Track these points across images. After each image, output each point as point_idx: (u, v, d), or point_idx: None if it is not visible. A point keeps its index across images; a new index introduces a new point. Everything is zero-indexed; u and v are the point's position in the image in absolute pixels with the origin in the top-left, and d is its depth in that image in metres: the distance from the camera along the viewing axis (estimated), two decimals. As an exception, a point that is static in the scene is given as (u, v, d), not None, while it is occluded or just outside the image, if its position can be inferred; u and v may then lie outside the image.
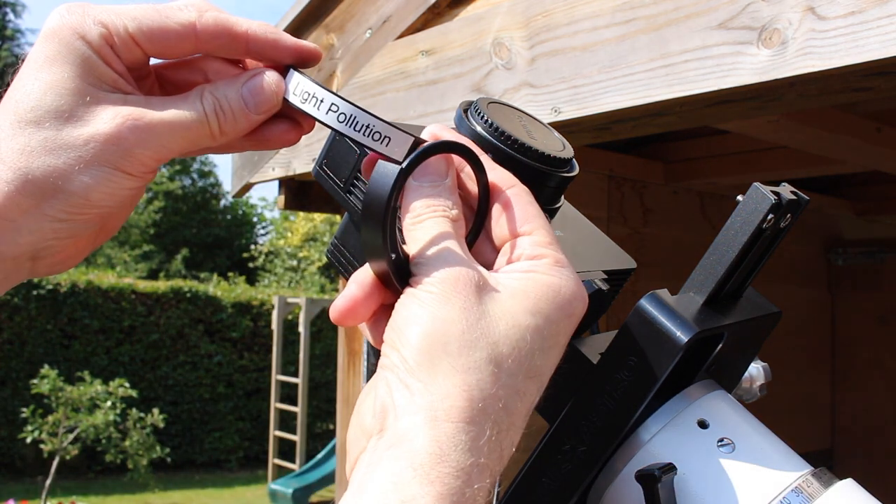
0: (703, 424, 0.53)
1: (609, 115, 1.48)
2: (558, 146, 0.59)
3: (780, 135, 2.30)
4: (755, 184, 0.53)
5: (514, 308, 0.46)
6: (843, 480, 0.51)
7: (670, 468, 0.49)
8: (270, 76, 0.54)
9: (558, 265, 0.49)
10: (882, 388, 3.85)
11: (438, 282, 0.46)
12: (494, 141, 0.56)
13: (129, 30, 0.52)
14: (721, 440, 0.52)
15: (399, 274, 0.48)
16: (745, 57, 1.26)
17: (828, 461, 3.81)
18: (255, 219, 25.49)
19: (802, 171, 2.98)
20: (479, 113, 0.57)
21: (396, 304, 0.48)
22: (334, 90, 0.59)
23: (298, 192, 2.63)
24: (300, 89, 0.54)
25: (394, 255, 0.48)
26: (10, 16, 22.49)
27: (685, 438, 0.52)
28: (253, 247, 22.20)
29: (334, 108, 0.52)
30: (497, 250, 0.51)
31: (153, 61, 0.56)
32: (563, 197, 0.62)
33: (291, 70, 0.55)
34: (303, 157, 2.24)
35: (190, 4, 0.54)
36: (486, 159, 0.52)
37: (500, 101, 0.62)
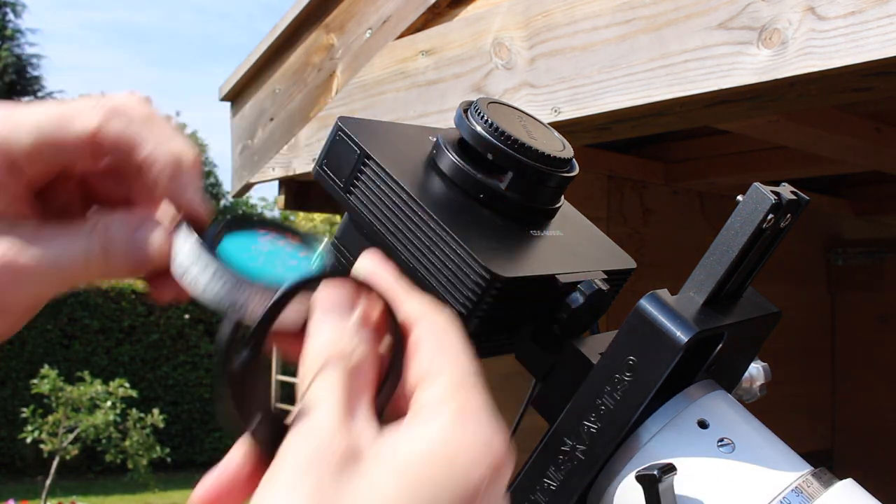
0: (703, 424, 0.53)
1: (609, 115, 1.48)
2: (558, 146, 0.59)
3: (780, 135, 2.30)
4: (755, 184, 0.53)
5: (386, 489, 0.34)
6: (843, 480, 0.51)
7: (670, 468, 0.49)
8: (158, 236, 0.46)
9: (461, 420, 0.37)
10: (882, 388, 3.85)
11: (291, 459, 0.35)
12: (494, 141, 0.56)
13: (30, 143, 0.43)
14: (721, 440, 0.52)
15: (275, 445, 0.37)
16: (745, 57, 1.26)
17: (828, 461, 3.82)
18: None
19: (802, 172, 2.98)
20: (479, 113, 0.57)
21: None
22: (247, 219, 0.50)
23: (298, 193, 2.64)
24: (181, 254, 0.46)
25: (255, 424, 0.38)
26: (10, 16, 22.52)
27: (685, 438, 0.52)
28: (253, 247, 22.18)
29: (213, 281, 0.44)
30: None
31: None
32: (563, 197, 0.62)
33: (184, 226, 0.47)
34: (303, 157, 2.24)
35: (99, 106, 0.44)
36: (397, 289, 0.42)
37: (500, 101, 0.62)
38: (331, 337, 0.39)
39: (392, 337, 0.41)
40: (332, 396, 0.37)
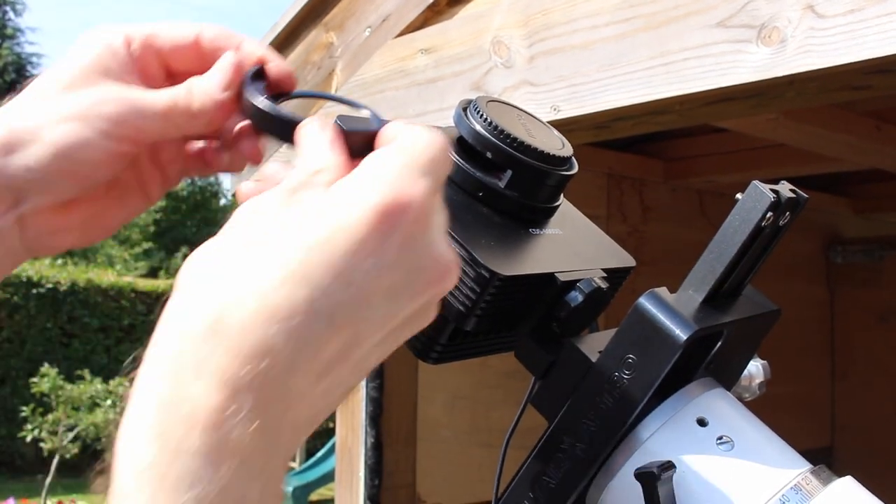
0: (702, 422, 0.53)
1: (608, 113, 1.48)
2: (557, 144, 0.59)
3: (779, 133, 2.30)
4: (754, 182, 0.53)
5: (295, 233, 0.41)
6: (843, 478, 0.51)
7: (669, 466, 0.49)
8: (229, 57, 0.57)
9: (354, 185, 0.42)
10: (882, 386, 3.85)
11: (284, 182, 0.46)
12: (494, 139, 0.56)
13: (144, 35, 0.58)
14: (720, 438, 0.52)
15: None
16: (744, 55, 1.26)
17: (827, 459, 3.82)
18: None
19: (802, 169, 2.98)
20: (479, 111, 0.57)
21: None
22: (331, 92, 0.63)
23: (298, 191, 2.63)
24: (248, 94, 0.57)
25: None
26: (11, 14, 22.49)
27: (684, 436, 0.52)
28: (252, 245, 22.15)
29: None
30: None
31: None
32: (562, 195, 0.62)
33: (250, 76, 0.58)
34: (302, 155, 2.24)
35: (197, 24, 0.60)
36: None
37: (500, 99, 0.62)
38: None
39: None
40: (320, 144, 0.46)
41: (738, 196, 0.54)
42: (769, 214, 0.53)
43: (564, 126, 1.53)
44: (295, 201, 0.41)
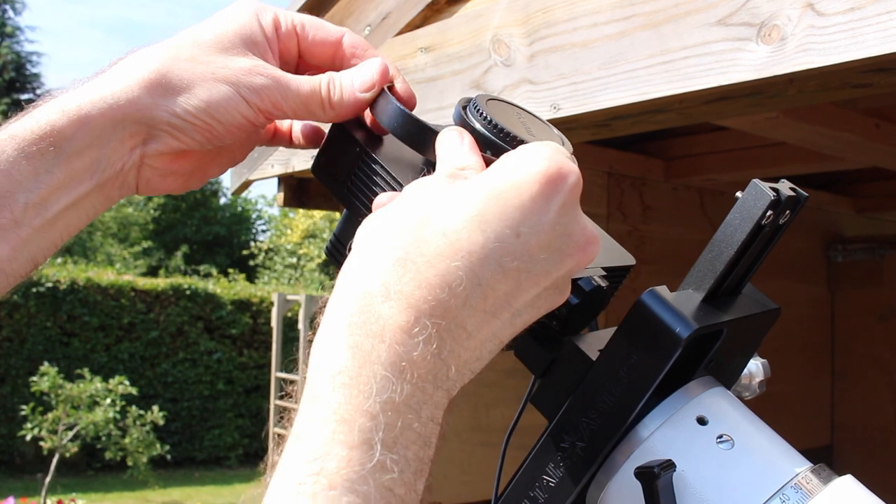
0: (702, 421, 0.53)
1: (608, 111, 1.48)
2: (557, 142, 0.59)
3: (779, 131, 2.30)
4: (754, 180, 0.53)
5: (472, 193, 0.49)
6: (842, 476, 0.51)
7: (669, 465, 0.49)
8: (378, 63, 0.61)
9: (519, 159, 0.51)
10: (882, 385, 3.86)
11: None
12: (493, 138, 0.56)
13: (294, 22, 0.63)
14: (720, 436, 0.52)
15: None
16: (744, 53, 1.26)
17: (827, 457, 3.82)
18: (254, 215, 25.49)
19: (802, 168, 2.98)
20: (478, 109, 0.57)
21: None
22: None
23: (298, 189, 2.64)
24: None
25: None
26: (10, 13, 22.47)
27: (684, 435, 0.52)
28: (253, 244, 22.19)
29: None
30: None
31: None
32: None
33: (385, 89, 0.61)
34: (302, 154, 2.24)
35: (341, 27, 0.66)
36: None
37: (499, 97, 0.62)
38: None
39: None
40: (458, 142, 0.54)
41: (739, 194, 0.54)
42: (769, 213, 0.53)
43: (564, 124, 1.53)
44: (456, 181, 0.49)
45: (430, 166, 0.59)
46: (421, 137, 0.57)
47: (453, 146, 0.54)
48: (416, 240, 0.45)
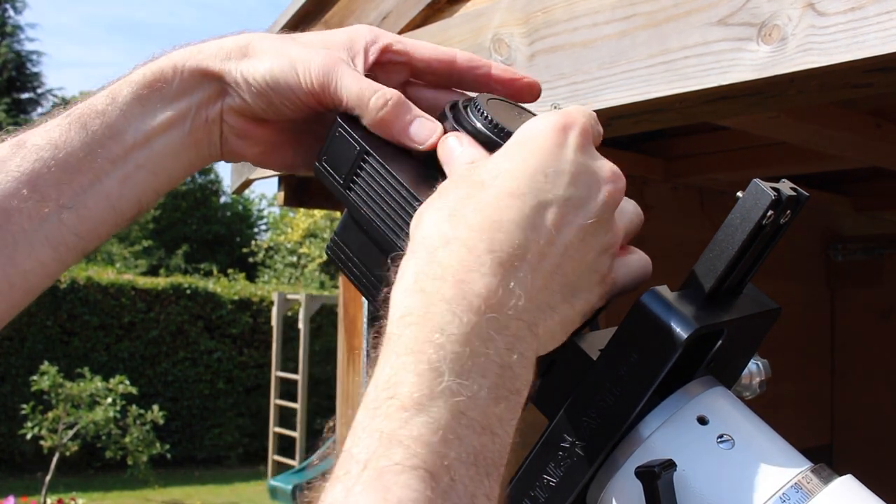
0: (702, 421, 0.53)
1: (609, 111, 1.48)
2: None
3: (779, 131, 2.30)
4: (755, 180, 0.53)
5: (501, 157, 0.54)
6: (843, 476, 0.51)
7: (670, 464, 0.49)
8: (431, 127, 0.62)
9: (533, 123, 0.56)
10: (882, 384, 3.85)
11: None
12: (494, 137, 0.56)
13: (389, 40, 0.66)
14: (720, 436, 0.52)
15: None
16: (744, 53, 1.26)
17: (827, 457, 3.82)
18: (254, 215, 25.48)
19: (802, 168, 2.98)
20: (479, 109, 0.57)
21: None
22: None
23: (298, 189, 2.63)
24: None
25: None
26: (10, 12, 22.46)
27: (685, 435, 0.52)
28: (253, 243, 22.18)
29: None
30: None
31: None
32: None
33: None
34: (302, 153, 2.24)
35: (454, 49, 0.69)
36: None
37: (500, 97, 0.62)
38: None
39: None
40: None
41: (739, 194, 0.54)
42: (770, 212, 0.53)
43: (565, 124, 1.53)
44: (475, 165, 0.54)
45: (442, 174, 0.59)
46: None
47: (454, 150, 0.57)
48: (463, 197, 0.51)
